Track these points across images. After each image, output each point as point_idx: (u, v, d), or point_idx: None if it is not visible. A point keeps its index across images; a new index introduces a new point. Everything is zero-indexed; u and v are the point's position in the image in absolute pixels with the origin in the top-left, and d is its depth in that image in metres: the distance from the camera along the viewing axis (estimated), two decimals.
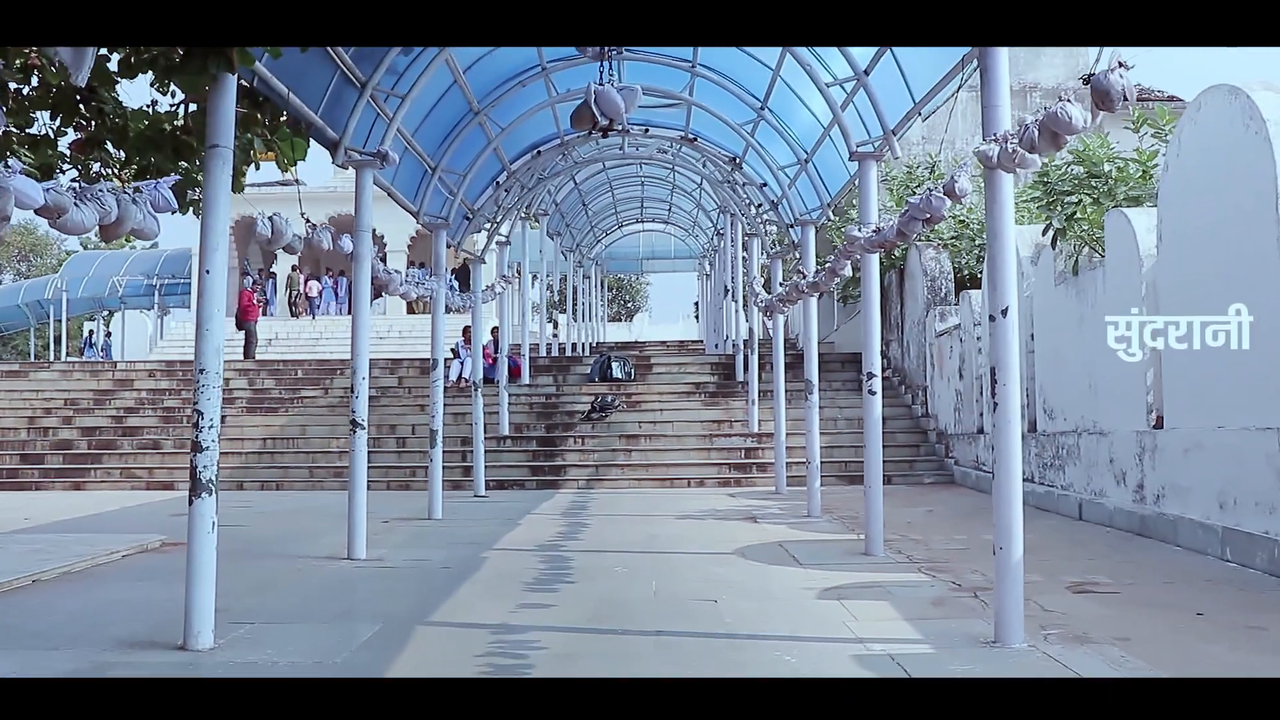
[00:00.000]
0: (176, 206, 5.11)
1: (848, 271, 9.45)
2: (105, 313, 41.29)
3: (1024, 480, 12.43)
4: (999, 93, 5.56)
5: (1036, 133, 4.93)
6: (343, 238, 8.75)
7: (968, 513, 11.82)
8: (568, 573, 7.95)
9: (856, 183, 10.54)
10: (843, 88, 9.35)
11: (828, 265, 9.58)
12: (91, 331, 41.40)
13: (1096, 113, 4.47)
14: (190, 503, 5.60)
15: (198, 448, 5.58)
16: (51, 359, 37.85)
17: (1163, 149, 10.71)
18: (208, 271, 5.62)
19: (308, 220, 7.73)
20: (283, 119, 8.68)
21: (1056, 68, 21.38)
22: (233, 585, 7.44)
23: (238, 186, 9.14)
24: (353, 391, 8.82)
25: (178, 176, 6.35)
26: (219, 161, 5.68)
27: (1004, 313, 5.44)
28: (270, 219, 6.77)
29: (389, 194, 10.85)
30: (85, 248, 57.63)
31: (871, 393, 8.51)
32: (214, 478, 5.64)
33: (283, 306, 35.86)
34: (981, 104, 5.62)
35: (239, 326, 28.23)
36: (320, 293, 35.37)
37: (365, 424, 8.82)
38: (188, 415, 20.45)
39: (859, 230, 8.29)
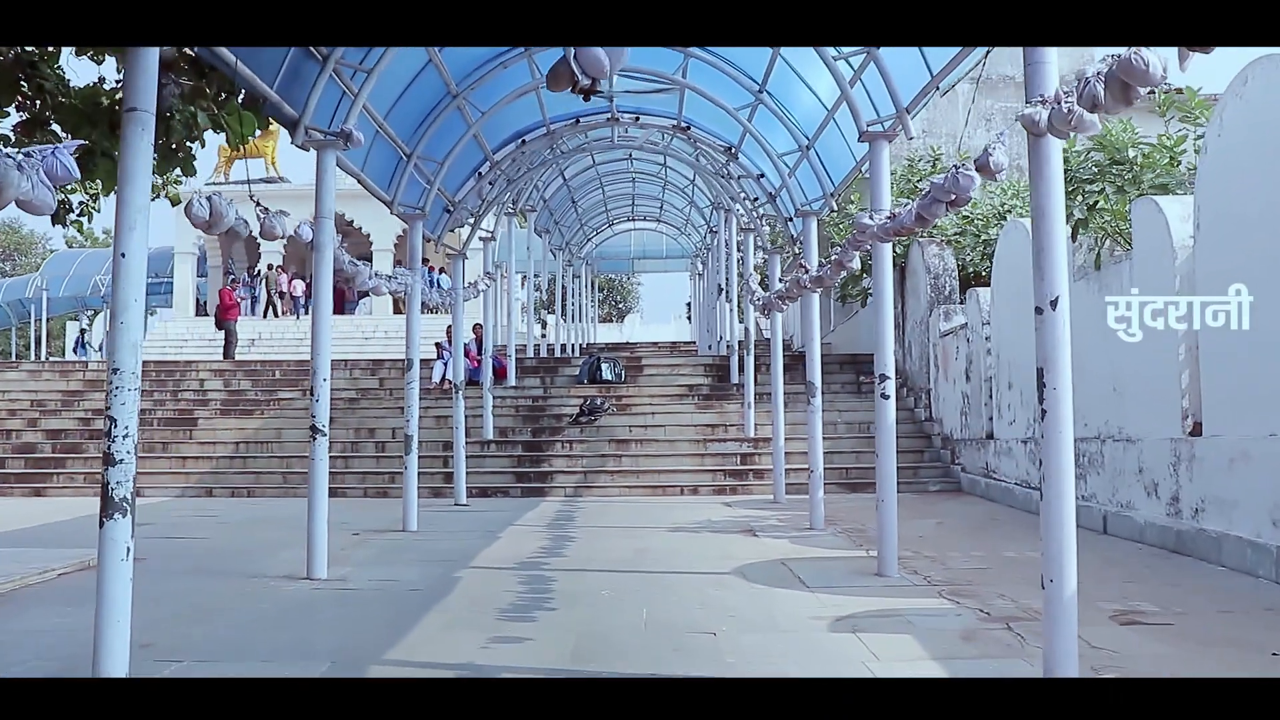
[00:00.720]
0: (78, 175, 4.31)
1: (856, 264, 8.69)
2: (90, 312, 40.53)
3: (1037, 489, 11.72)
4: (1045, 48, 4.80)
5: (1101, 87, 4.15)
6: (302, 225, 7.95)
7: (981, 524, 11.05)
8: (548, 597, 7.15)
9: (864, 168, 9.81)
10: (849, 63, 8.58)
11: (834, 258, 8.80)
12: (83, 330, 40.58)
13: (1185, 58, 3.71)
14: (101, 525, 4.78)
15: (110, 460, 4.77)
16: (33, 358, 37.04)
17: (1192, 132, 9.99)
18: (123, 255, 4.81)
19: (258, 204, 6.91)
20: (240, 96, 7.92)
21: (1060, 57, 20.60)
22: (172, 612, 6.67)
23: (188, 169, 8.39)
24: (312, 395, 8.01)
25: (81, 142, 5.51)
26: (137, 128, 4.87)
27: (1053, 304, 4.68)
28: (209, 199, 5.95)
29: (358, 180, 10.04)
30: (70, 245, 56.83)
31: (885, 396, 7.73)
32: (130, 495, 4.82)
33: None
34: (1024, 61, 4.87)
35: (218, 326, 27.43)
36: (307, 291, 34.45)
37: (326, 430, 8.01)
38: (158, 418, 19.69)
39: (871, 218, 7.51)
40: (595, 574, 8.14)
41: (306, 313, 33.78)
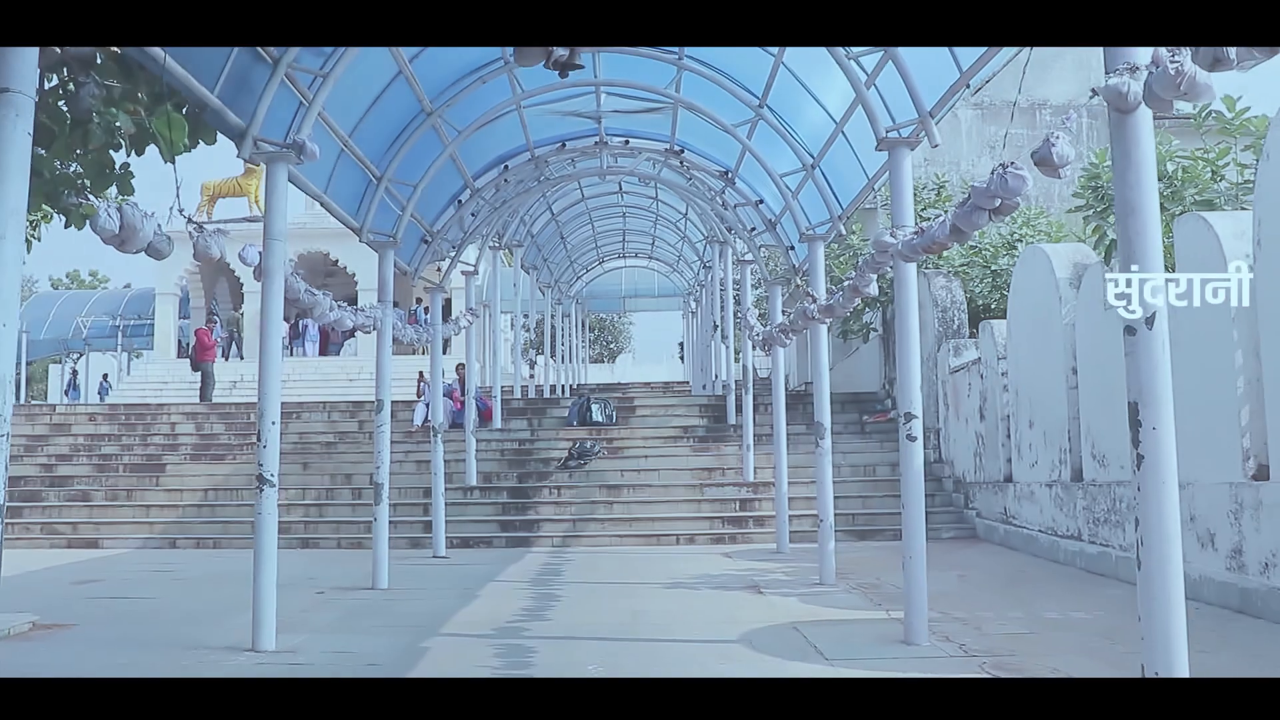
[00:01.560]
0: None
1: (873, 289, 7.76)
2: (75, 355, 39.57)
3: (1070, 538, 10.73)
4: None
5: None
6: (247, 248, 7.03)
7: (1009, 577, 10.07)
8: (527, 674, 6.14)
9: (878, 184, 8.96)
10: (861, 65, 7.71)
11: (848, 283, 7.88)
12: (75, 372, 39.54)
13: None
14: None
15: None
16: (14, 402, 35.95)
17: (1236, 144, 9.17)
18: None
19: (190, 220, 5.98)
20: (184, 109, 7.03)
21: (1066, 83, 19.90)
22: None
23: (125, 187, 7.47)
24: (259, 440, 7.03)
25: None
26: (10, 112, 3.97)
27: (1149, 322, 3.74)
28: (119, 209, 5.01)
29: (320, 202, 9.15)
30: (55, 287, 55.86)
31: (911, 438, 6.77)
32: None
33: (251, 348, 34.02)
34: None
35: (194, 368, 26.45)
36: (303, 330, 33.51)
37: (275, 480, 7.01)
38: (125, 463, 18.66)
39: (893, 234, 6.61)
40: (582, 643, 7.12)
41: (290, 354, 32.83)
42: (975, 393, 14.20)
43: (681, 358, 43.03)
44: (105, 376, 38.00)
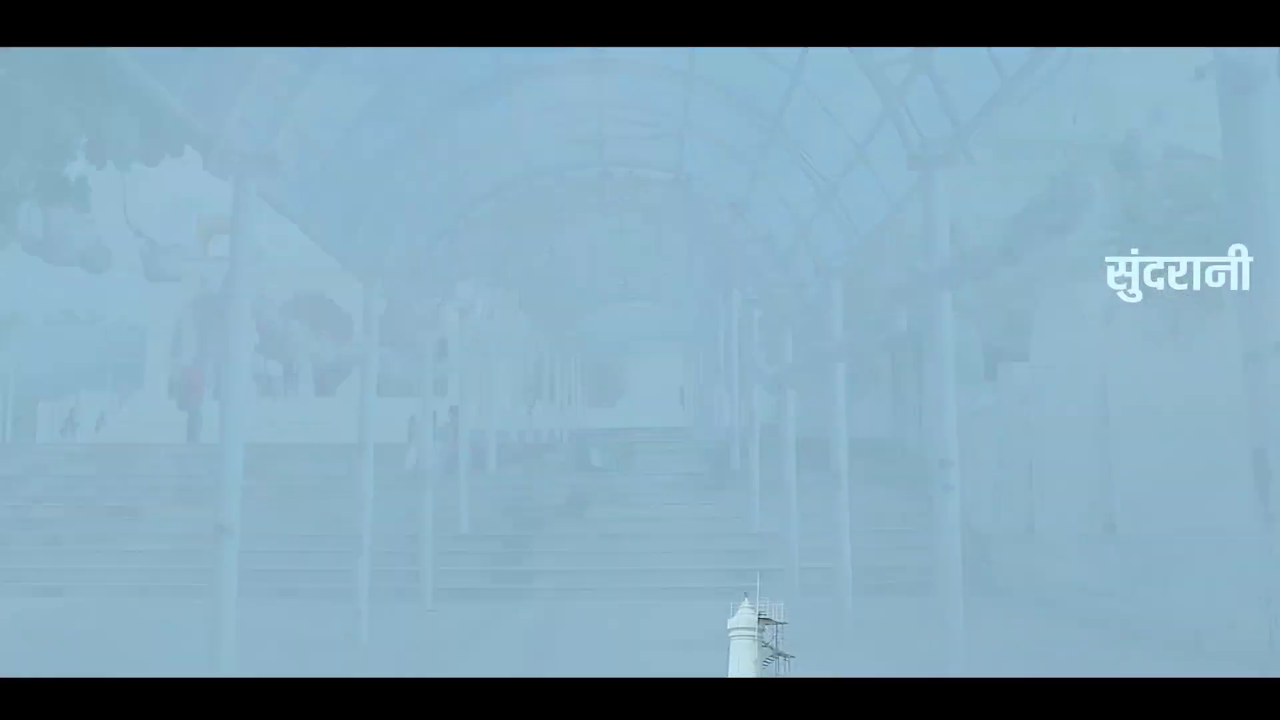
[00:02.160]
0: None
1: (902, 323, 7.10)
2: (67, 394, 38.83)
3: (1101, 595, 10.01)
4: None
5: None
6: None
7: (1038, 635, 9.33)
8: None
9: (903, 211, 8.33)
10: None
11: (873, 319, 7.22)
12: (72, 410, 38.81)
13: None
14: None
15: None
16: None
17: None
18: None
19: (141, 234, 5.30)
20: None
21: (1084, 123, 19.38)
22: None
23: (81, 203, 6.81)
24: (219, 484, 6.31)
25: None
26: None
27: None
28: (45, 214, 4.33)
29: (299, 225, 8.51)
30: (49, 323, 55.27)
31: (948, 487, 6.07)
32: None
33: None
34: None
35: (182, 406, 25.70)
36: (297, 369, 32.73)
37: (235, 528, 6.29)
38: (101, 505, 17.83)
39: (927, 261, 5.95)
40: None
41: (283, 393, 32.09)
42: (992, 438, 13.50)
43: (682, 402, 42.36)
44: (102, 416, 37.34)
